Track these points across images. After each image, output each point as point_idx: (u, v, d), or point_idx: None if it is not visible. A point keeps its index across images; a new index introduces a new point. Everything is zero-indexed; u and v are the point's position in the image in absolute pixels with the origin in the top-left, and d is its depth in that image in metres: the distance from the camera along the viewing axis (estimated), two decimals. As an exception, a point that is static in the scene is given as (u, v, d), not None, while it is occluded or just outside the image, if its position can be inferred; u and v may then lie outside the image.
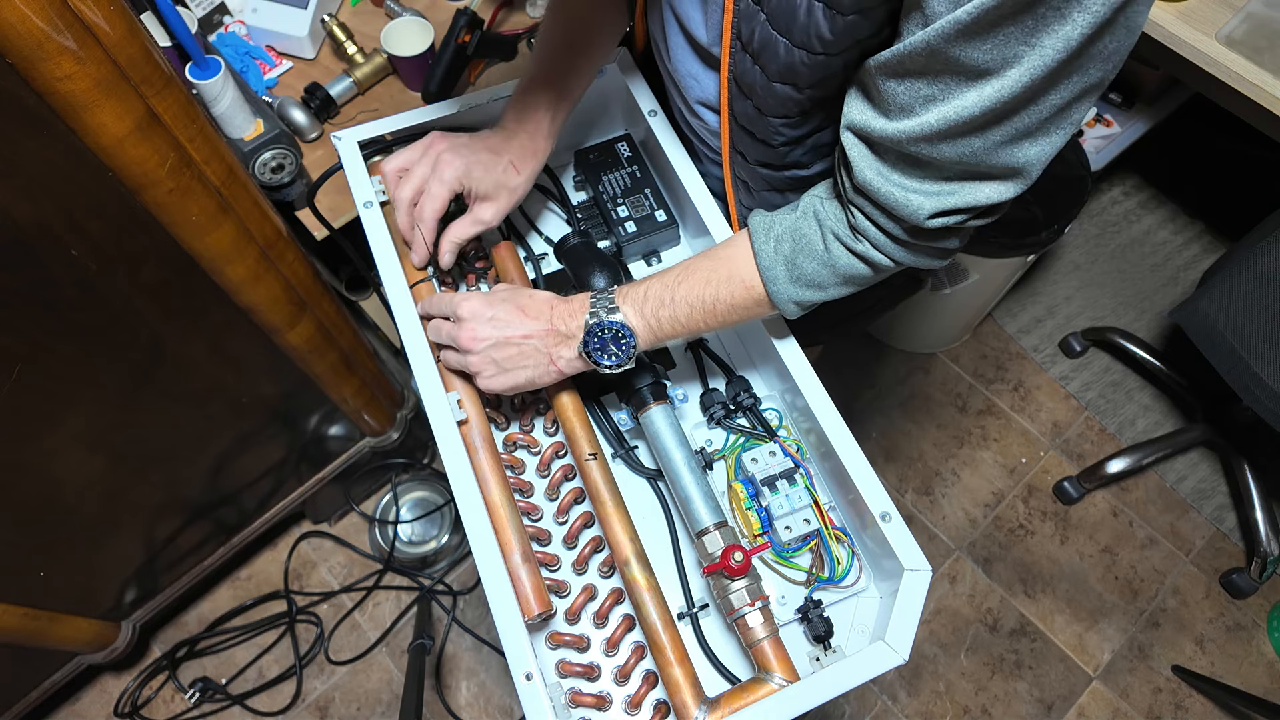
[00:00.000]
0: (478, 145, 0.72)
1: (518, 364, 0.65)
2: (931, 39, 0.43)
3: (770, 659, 0.59)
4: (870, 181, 0.53)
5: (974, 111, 0.45)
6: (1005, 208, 0.54)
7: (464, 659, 1.51)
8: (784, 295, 0.61)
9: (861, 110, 0.52)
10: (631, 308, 0.64)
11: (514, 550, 0.63)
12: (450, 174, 0.71)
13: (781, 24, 0.53)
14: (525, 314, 0.65)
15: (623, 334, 0.63)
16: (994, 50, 0.42)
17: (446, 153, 0.71)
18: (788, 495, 0.67)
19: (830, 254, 0.59)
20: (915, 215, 0.52)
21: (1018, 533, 1.65)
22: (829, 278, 0.60)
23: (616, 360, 0.62)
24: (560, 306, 0.65)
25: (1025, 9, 0.40)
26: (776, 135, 0.62)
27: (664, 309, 0.64)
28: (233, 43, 1.11)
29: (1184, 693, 1.51)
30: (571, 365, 0.65)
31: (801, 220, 0.60)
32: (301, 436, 1.30)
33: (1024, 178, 0.49)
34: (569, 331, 0.64)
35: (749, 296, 0.63)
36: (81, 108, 0.65)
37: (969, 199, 0.51)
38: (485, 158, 0.72)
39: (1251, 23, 1.13)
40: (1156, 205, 1.98)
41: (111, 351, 0.89)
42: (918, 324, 1.76)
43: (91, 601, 1.23)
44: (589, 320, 0.63)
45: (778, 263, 0.61)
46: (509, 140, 0.73)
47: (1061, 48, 0.41)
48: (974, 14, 0.41)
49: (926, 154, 0.49)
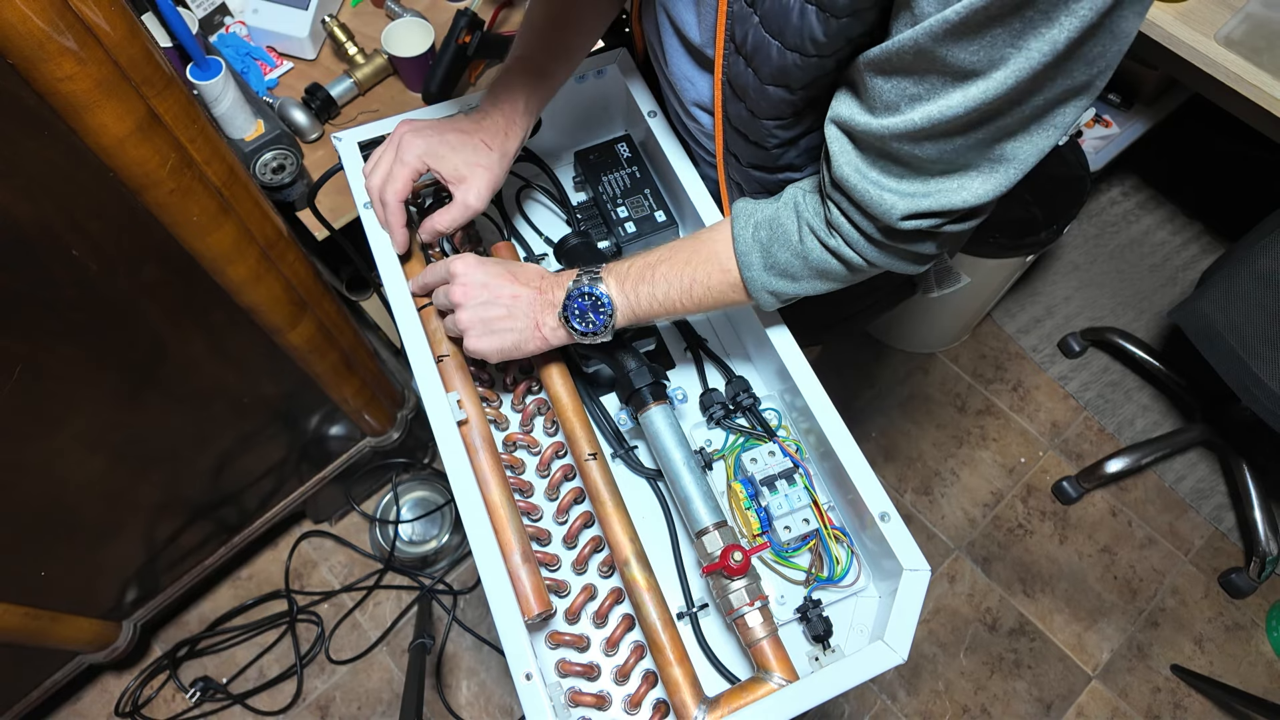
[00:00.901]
0: (445, 127, 0.71)
1: (505, 325, 0.66)
2: (920, 38, 0.43)
3: (769, 659, 0.59)
4: (847, 177, 0.53)
5: (958, 112, 0.45)
6: (983, 213, 0.53)
7: (464, 658, 1.51)
8: (758, 282, 0.62)
9: (848, 104, 0.52)
10: (615, 281, 0.65)
11: (514, 550, 0.63)
12: (411, 154, 0.69)
13: (774, 26, 0.53)
14: (515, 278, 0.67)
15: (601, 303, 0.64)
16: (981, 51, 0.42)
17: (409, 135, 0.70)
18: (787, 495, 0.67)
19: (804, 246, 0.59)
20: (888, 215, 0.52)
21: (1017, 532, 1.65)
22: (802, 269, 0.60)
23: (592, 328, 0.64)
24: (549, 277, 0.67)
25: (1013, 11, 0.40)
26: (770, 137, 0.63)
27: (644, 285, 0.64)
28: (233, 43, 1.12)
29: (1183, 692, 1.51)
30: (555, 334, 0.66)
31: (782, 210, 0.61)
32: (302, 436, 1.31)
33: (1004, 181, 0.49)
34: (554, 300, 0.66)
35: (724, 280, 0.63)
36: (82, 108, 0.65)
37: (944, 202, 0.50)
38: (452, 138, 0.70)
39: (1250, 23, 1.14)
40: (1155, 205, 1.98)
41: (112, 352, 0.89)
42: (917, 324, 1.76)
43: (92, 601, 1.23)
44: (571, 287, 0.65)
45: (754, 249, 0.61)
46: (481, 120, 0.72)
47: (1048, 50, 0.41)
48: (962, 14, 0.41)
49: (908, 152, 0.49)
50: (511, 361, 0.74)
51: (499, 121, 0.72)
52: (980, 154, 0.48)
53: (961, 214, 0.52)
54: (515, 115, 0.72)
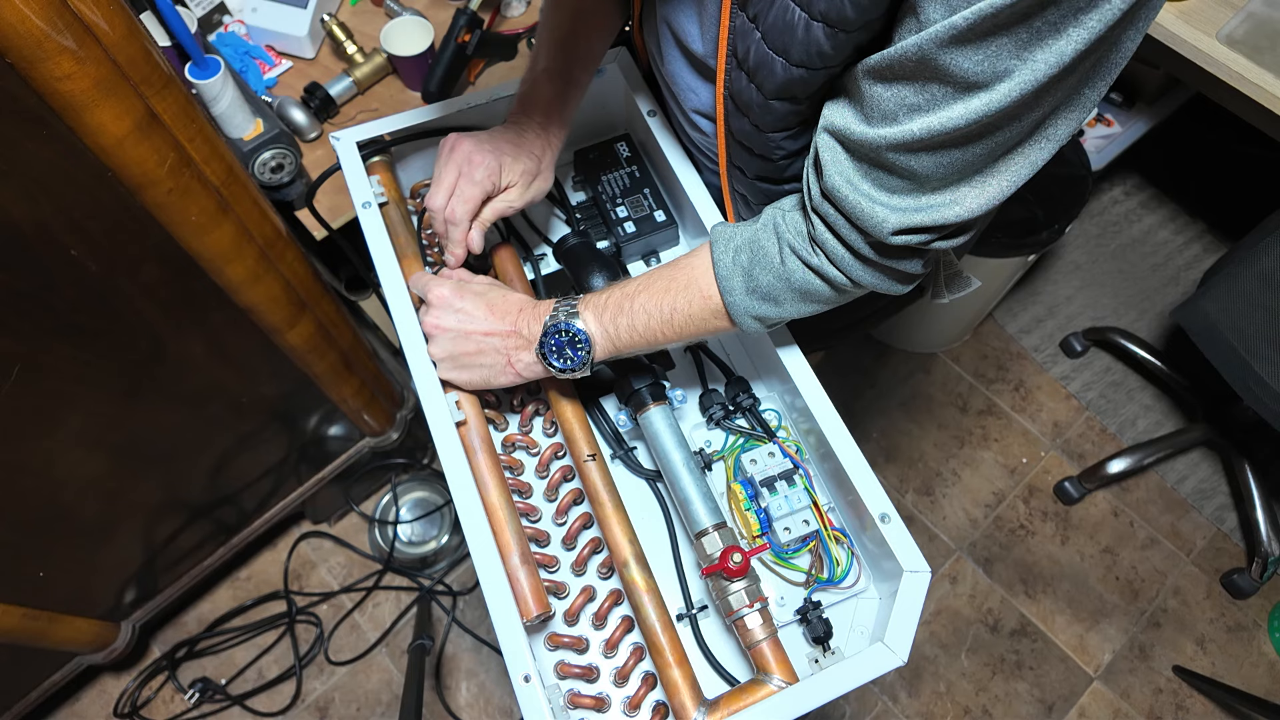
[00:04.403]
0: (502, 141, 0.71)
1: (475, 362, 0.66)
2: (924, 44, 0.42)
3: (769, 660, 0.59)
4: (838, 188, 0.51)
5: (959, 124, 0.44)
6: (971, 229, 0.53)
7: (464, 659, 1.51)
8: (740, 307, 0.60)
9: (842, 113, 0.51)
10: (592, 314, 0.64)
11: (513, 551, 0.63)
12: (482, 174, 0.69)
13: (778, 43, 0.51)
14: (491, 312, 0.66)
15: (579, 339, 0.63)
16: (985, 62, 0.41)
17: (476, 154, 0.70)
18: (787, 496, 0.67)
19: (785, 267, 0.58)
20: (879, 229, 0.51)
21: (1018, 533, 1.64)
22: (785, 292, 0.59)
23: (570, 365, 0.63)
24: (528, 310, 0.66)
25: (1021, 20, 0.39)
26: (777, 150, 0.61)
27: (622, 317, 0.63)
28: (232, 42, 1.11)
29: (1185, 693, 1.50)
30: (530, 369, 0.66)
31: (761, 232, 0.60)
32: (301, 437, 1.30)
33: (997, 194, 0.48)
34: (530, 336, 0.65)
35: (706, 307, 0.62)
36: (81, 108, 0.65)
37: (936, 217, 0.49)
38: (511, 150, 0.71)
39: (1252, 22, 1.13)
40: (1157, 205, 1.98)
41: (111, 352, 0.89)
42: (918, 324, 1.76)
43: (91, 602, 1.23)
44: (548, 322, 0.64)
45: (735, 273, 0.60)
46: (524, 133, 0.73)
47: (1053, 63, 0.40)
48: (970, 20, 0.40)
49: (903, 163, 0.48)
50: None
51: (541, 135, 0.73)
52: (976, 167, 0.47)
53: (953, 229, 0.51)
54: (551, 127, 0.73)
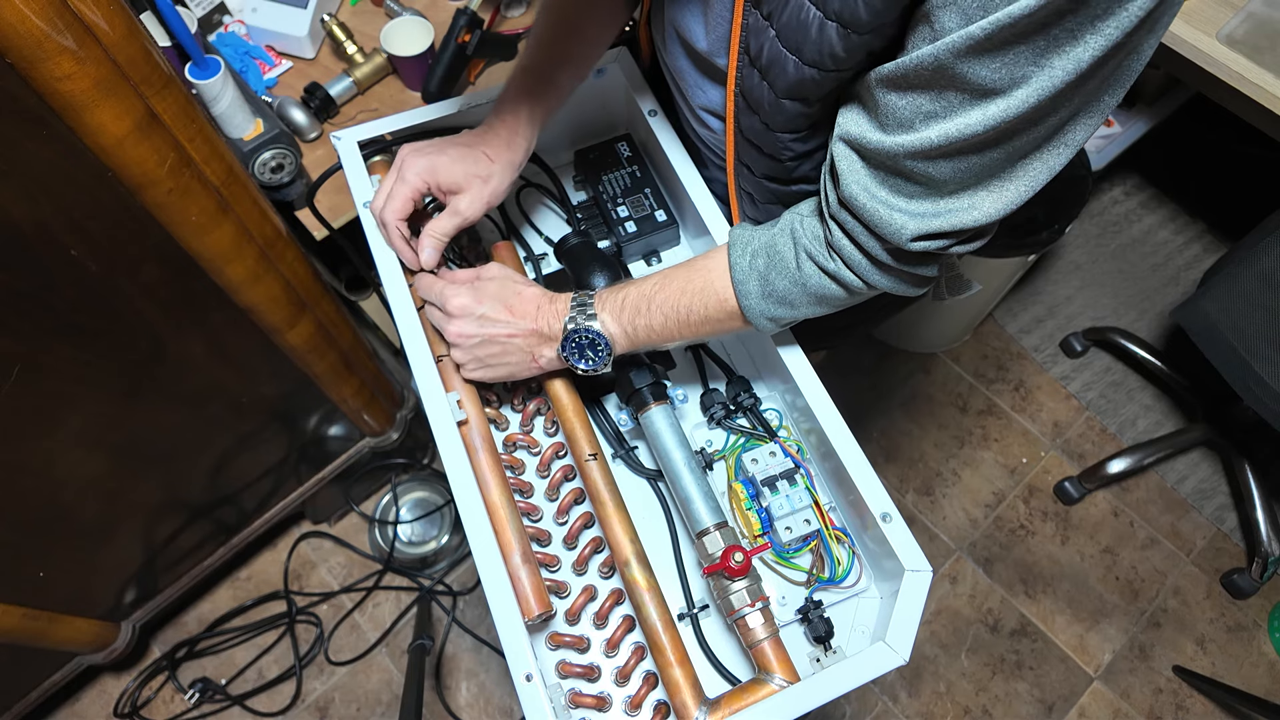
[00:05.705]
0: (447, 144, 0.71)
1: (500, 360, 0.68)
2: (940, 54, 0.42)
3: (770, 660, 0.59)
4: (856, 196, 0.52)
5: (977, 130, 0.44)
6: (988, 233, 0.53)
7: (464, 659, 1.51)
8: (756, 310, 0.61)
9: (858, 122, 0.51)
10: (610, 314, 0.65)
11: (514, 551, 0.63)
12: (411, 174, 0.69)
13: (792, 41, 0.51)
14: (511, 313, 0.66)
15: (598, 342, 0.64)
16: (1003, 69, 0.41)
17: (410, 156, 0.70)
18: (788, 496, 0.67)
19: (802, 272, 0.58)
20: (898, 235, 0.51)
21: (1018, 533, 1.64)
22: (800, 296, 0.59)
23: (593, 365, 0.65)
24: (546, 307, 0.67)
25: (1039, 29, 0.39)
26: (785, 150, 0.62)
27: (640, 317, 0.64)
28: (232, 42, 1.11)
29: (1185, 693, 1.50)
30: (552, 363, 0.68)
31: (779, 236, 0.60)
32: (301, 437, 1.30)
33: (1014, 199, 0.48)
34: (551, 333, 0.66)
35: (722, 309, 0.63)
36: (81, 108, 0.65)
37: (955, 222, 0.50)
38: (454, 152, 0.70)
39: (1252, 22, 1.13)
40: (1157, 205, 1.98)
41: (111, 352, 0.89)
42: (919, 324, 1.76)
43: (91, 602, 1.23)
44: (569, 326, 0.65)
45: (751, 277, 0.60)
46: (486, 134, 0.72)
47: (1071, 69, 0.40)
48: (988, 30, 0.40)
49: (921, 170, 0.48)
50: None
51: (502, 133, 0.71)
52: (994, 172, 0.47)
53: (971, 234, 0.51)
54: (518, 125, 0.72)
